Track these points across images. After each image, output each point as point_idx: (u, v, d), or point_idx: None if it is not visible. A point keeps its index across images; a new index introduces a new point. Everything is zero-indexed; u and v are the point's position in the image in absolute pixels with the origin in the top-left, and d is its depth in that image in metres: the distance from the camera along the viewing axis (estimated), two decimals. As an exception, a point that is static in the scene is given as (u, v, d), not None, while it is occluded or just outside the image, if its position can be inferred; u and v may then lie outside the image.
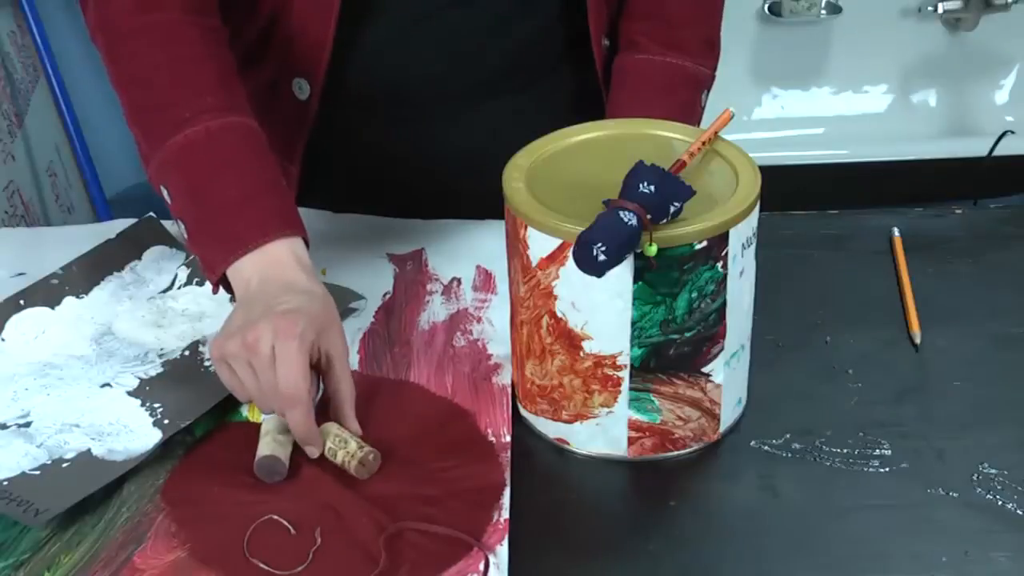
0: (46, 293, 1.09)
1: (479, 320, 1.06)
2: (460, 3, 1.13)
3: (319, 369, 0.92)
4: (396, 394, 0.98)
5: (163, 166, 0.98)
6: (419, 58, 1.15)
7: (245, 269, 0.94)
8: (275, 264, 0.94)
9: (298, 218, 0.97)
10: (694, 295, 0.86)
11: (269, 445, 0.90)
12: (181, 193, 0.97)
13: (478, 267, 1.12)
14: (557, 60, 1.21)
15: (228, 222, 0.95)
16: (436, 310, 1.08)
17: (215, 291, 0.97)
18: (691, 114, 1.18)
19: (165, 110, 0.98)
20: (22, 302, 1.08)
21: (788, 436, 0.95)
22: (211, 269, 0.96)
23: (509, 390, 0.98)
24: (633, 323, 0.86)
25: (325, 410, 0.96)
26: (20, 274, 1.13)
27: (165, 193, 0.99)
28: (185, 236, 0.98)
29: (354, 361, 1.02)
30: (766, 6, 2.61)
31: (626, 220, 0.81)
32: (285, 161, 1.19)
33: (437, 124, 1.19)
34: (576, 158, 0.94)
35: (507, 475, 0.90)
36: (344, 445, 0.90)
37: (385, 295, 1.10)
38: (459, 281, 1.11)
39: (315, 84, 1.14)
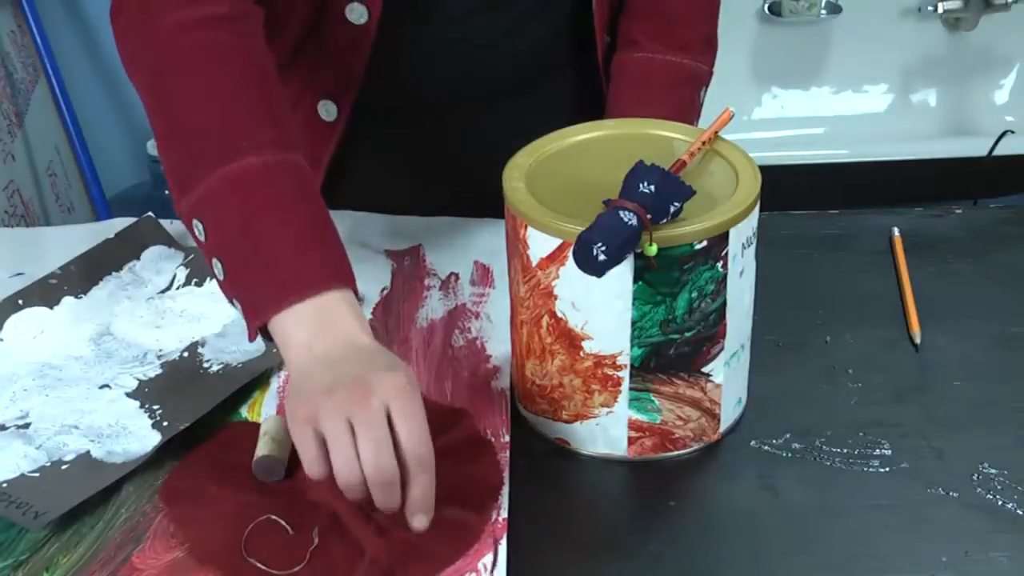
0: (44, 293, 1.09)
1: (477, 316, 1.06)
2: (487, 7, 1.12)
3: None
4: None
5: (208, 195, 0.88)
6: (441, 67, 1.15)
7: (300, 320, 0.84)
8: (335, 318, 0.85)
9: (351, 269, 0.88)
10: (694, 295, 0.86)
11: (267, 445, 0.90)
12: (227, 227, 0.87)
13: (476, 262, 1.13)
14: (565, 60, 1.21)
15: (284, 265, 0.86)
16: (434, 306, 1.08)
17: (252, 338, 0.87)
18: (690, 112, 1.18)
19: (220, 135, 0.89)
20: (20, 302, 1.08)
21: (788, 436, 0.94)
22: (256, 313, 0.86)
23: (508, 393, 0.98)
24: (633, 323, 0.86)
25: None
26: (18, 274, 1.13)
27: (199, 228, 0.89)
28: (222, 277, 0.88)
29: (353, 361, 1.01)
30: (766, 6, 2.61)
31: (626, 220, 0.81)
32: None
33: (448, 128, 1.19)
34: (576, 158, 0.93)
35: (506, 475, 0.90)
36: None
37: (383, 291, 1.10)
38: (456, 276, 1.11)
39: (344, 106, 1.12)
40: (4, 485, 0.90)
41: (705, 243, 0.84)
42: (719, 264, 0.86)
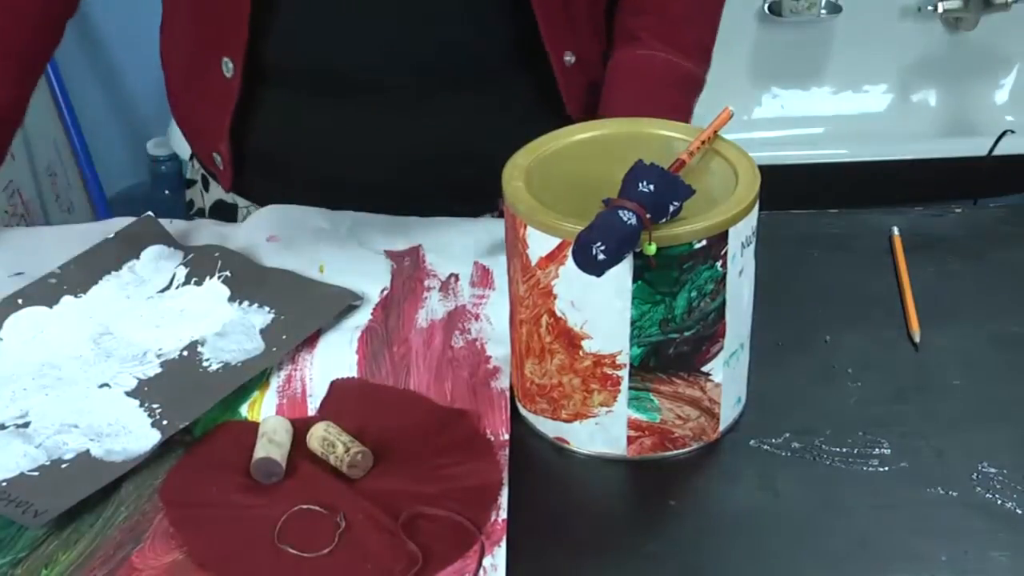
0: (44, 292, 1.09)
1: (477, 317, 1.06)
2: None
3: None
4: (396, 398, 0.98)
5: None
6: (338, 40, 1.14)
7: None
8: None
9: None
10: (693, 294, 0.86)
11: (265, 447, 0.90)
12: None
13: (476, 263, 1.12)
14: (502, 62, 1.19)
15: None
16: (434, 307, 1.08)
17: None
18: (686, 113, 1.18)
19: None
20: (20, 301, 1.08)
21: (788, 435, 0.94)
22: None
23: (508, 393, 0.98)
24: (632, 322, 0.86)
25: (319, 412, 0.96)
26: (18, 273, 1.13)
27: None
28: None
29: (352, 363, 1.01)
30: (766, 6, 2.61)
31: (625, 219, 0.81)
32: (216, 141, 1.21)
33: (389, 115, 1.18)
34: (576, 157, 0.93)
35: (505, 474, 0.90)
36: (332, 449, 0.90)
37: (383, 291, 1.10)
38: (456, 277, 1.11)
39: (238, 62, 1.15)
40: (4, 484, 0.90)
41: (704, 242, 0.84)
42: (718, 263, 0.86)
